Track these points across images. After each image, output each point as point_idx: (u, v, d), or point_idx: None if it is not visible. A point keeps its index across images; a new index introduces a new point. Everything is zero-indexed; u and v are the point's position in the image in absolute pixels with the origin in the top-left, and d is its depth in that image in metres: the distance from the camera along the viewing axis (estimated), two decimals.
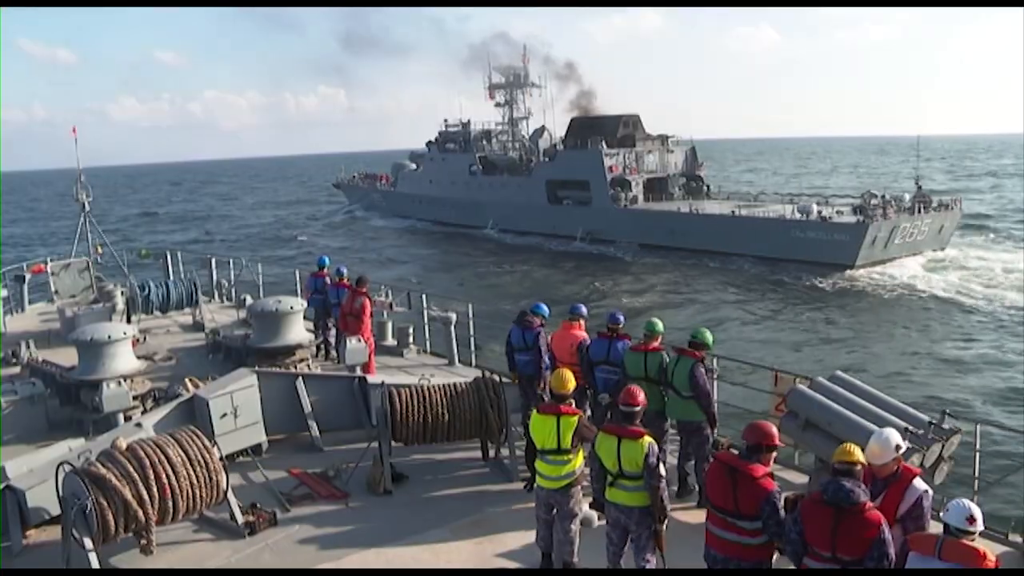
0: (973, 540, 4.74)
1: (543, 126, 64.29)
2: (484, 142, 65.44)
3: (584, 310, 10.22)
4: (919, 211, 40.20)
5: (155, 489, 6.99)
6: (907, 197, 41.31)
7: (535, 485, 7.04)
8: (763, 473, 5.52)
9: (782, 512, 5.43)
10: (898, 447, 5.78)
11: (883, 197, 41.07)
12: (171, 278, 19.46)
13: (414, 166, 72.55)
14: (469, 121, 67.11)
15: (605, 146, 52.35)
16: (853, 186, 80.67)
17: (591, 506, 6.75)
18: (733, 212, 44.28)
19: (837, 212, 42.10)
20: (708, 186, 56.48)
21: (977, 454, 8.20)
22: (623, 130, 56.21)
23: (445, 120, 68.39)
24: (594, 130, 55.36)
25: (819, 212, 41.28)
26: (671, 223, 47.37)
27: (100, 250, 21.31)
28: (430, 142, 68.53)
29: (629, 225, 49.75)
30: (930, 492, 5.82)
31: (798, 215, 41.43)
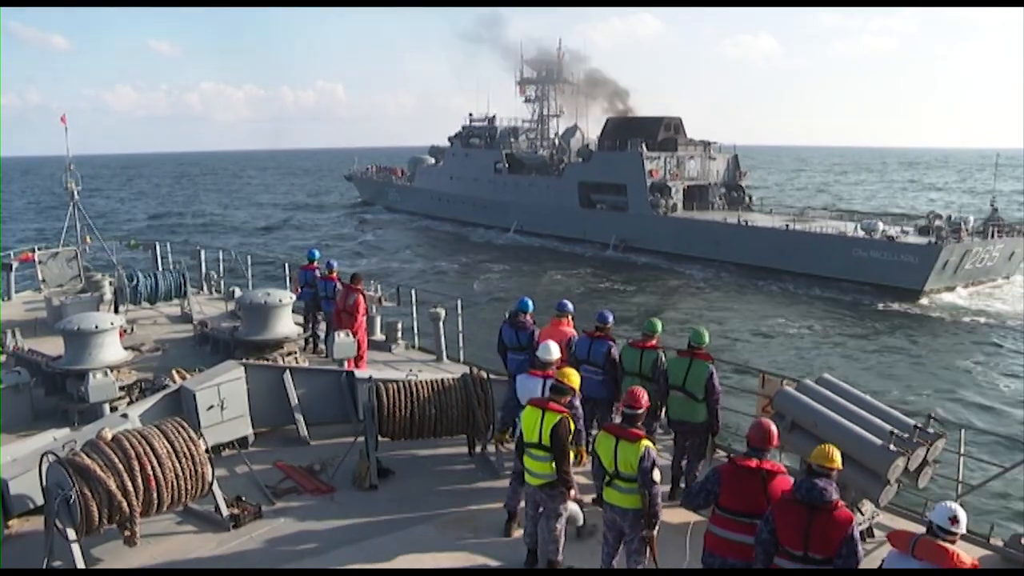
0: (954, 541, 4.81)
1: (575, 125, 61.21)
2: (511, 139, 62.25)
3: (571, 306, 10.22)
4: (992, 235, 36.59)
5: (140, 480, 6.96)
6: (971, 219, 37.90)
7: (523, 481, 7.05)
8: (781, 469, 5.68)
9: None
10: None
11: (949, 218, 38.12)
12: (160, 269, 19.37)
13: (432, 160, 69.89)
14: (495, 116, 64.61)
15: (645, 149, 48.84)
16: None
17: (594, 502, 6.76)
18: (787, 226, 40.96)
19: (903, 232, 38.63)
20: (750, 197, 52.46)
21: (961, 458, 8.26)
22: (664, 133, 52.12)
23: (470, 114, 65.87)
24: (632, 131, 51.68)
25: (884, 231, 37.57)
26: (717, 234, 43.77)
27: (89, 239, 21.21)
28: (452, 137, 65.91)
29: (669, 234, 46.38)
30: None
31: (861, 233, 37.95)
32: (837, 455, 5.37)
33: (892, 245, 36.64)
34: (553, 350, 7.89)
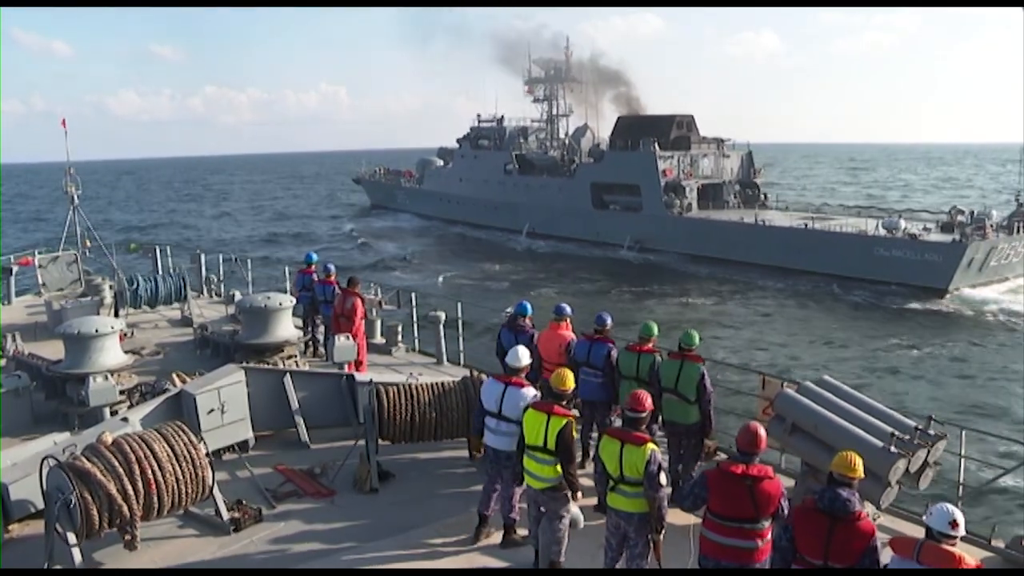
0: (955, 544, 4.79)
1: (585, 124, 60.53)
2: (520, 140, 61.69)
3: (568, 310, 10.20)
4: (1018, 230, 35.84)
5: (140, 484, 6.96)
6: (994, 213, 37.29)
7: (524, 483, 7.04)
8: (769, 473, 5.65)
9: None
10: None
11: (972, 213, 37.53)
12: (160, 272, 19.38)
13: (441, 162, 69.26)
14: (503, 117, 63.96)
15: (658, 148, 48.19)
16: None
17: (595, 508, 6.73)
18: (806, 224, 40.16)
19: (924, 229, 37.90)
20: (765, 195, 51.24)
21: (962, 460, 8.25)
22: (676, 131, 51.37)
23: (478, 115, 65.35)
24: (644, 130, 50.68)
25: (906, 229, 36.79)
26: (733, 235, 43.03)
27: (88, 243, 21.23)
28: (461, 138, 65.26)
29: (684, 235, 45.69)
30: None
31: (882, 231, 37.06)
32: (860, 464, 5.29)
33: (915, 244, 35.89)
34: (523, 356, 7.65)
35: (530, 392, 7.35)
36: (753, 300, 36.62)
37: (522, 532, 7.51)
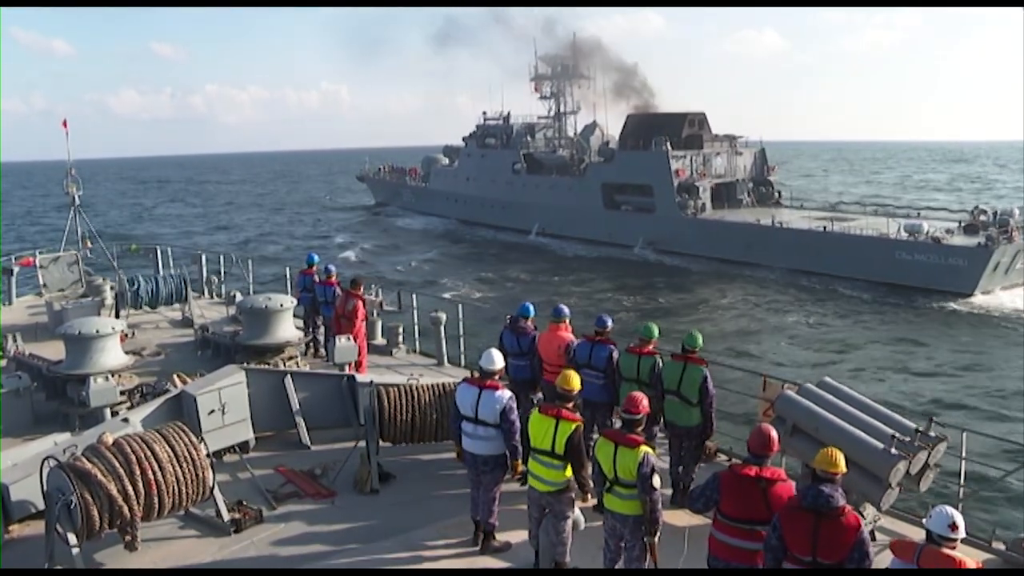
0: (955, 547, 4.79)
1: (594, 122, 59.62)
2: (527, 138, 60.53)
3: (567, 311, 10.18)
4: None
5: (141, 485, 6.96)
6: (1016, 211, 36.05)
7: (527, 485, 7.03)
8: (782, 476, 5.67)
9: None
10: None
11: (995, 213, 36.43)
12: (161, 273, 19.40)
13: (447, 160, 68.43)
14: (510, 114, 63.14)
15: (670, 147, 47.24)
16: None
17: (596, 508, 6.74)
18: (824, 227, 38.93)
19: (947, 231, 36.61)
20: (779, 193, 50.40)
21: (963, 462, 8.24)
22: (688, 130, 50.29)
23: (484, 113, 64.44)
24: (655, 129, 49.46)
25: (928, 232, 35.56)
26: (749, 237, 42.07)
27: (89, 244, 21.24)
28: (467, 137, 64.46)
29: (698, 236, 44.97)
30: None
31: (904, 234, 35.89)
32: (841, 459, 5.33)
33: (939, 248, 34.86)
34: (496, 359, 7.63)
35: (505, 394, 7.38)
36: (767, 303, 36.01)
37: (502, 539, 7.57)
